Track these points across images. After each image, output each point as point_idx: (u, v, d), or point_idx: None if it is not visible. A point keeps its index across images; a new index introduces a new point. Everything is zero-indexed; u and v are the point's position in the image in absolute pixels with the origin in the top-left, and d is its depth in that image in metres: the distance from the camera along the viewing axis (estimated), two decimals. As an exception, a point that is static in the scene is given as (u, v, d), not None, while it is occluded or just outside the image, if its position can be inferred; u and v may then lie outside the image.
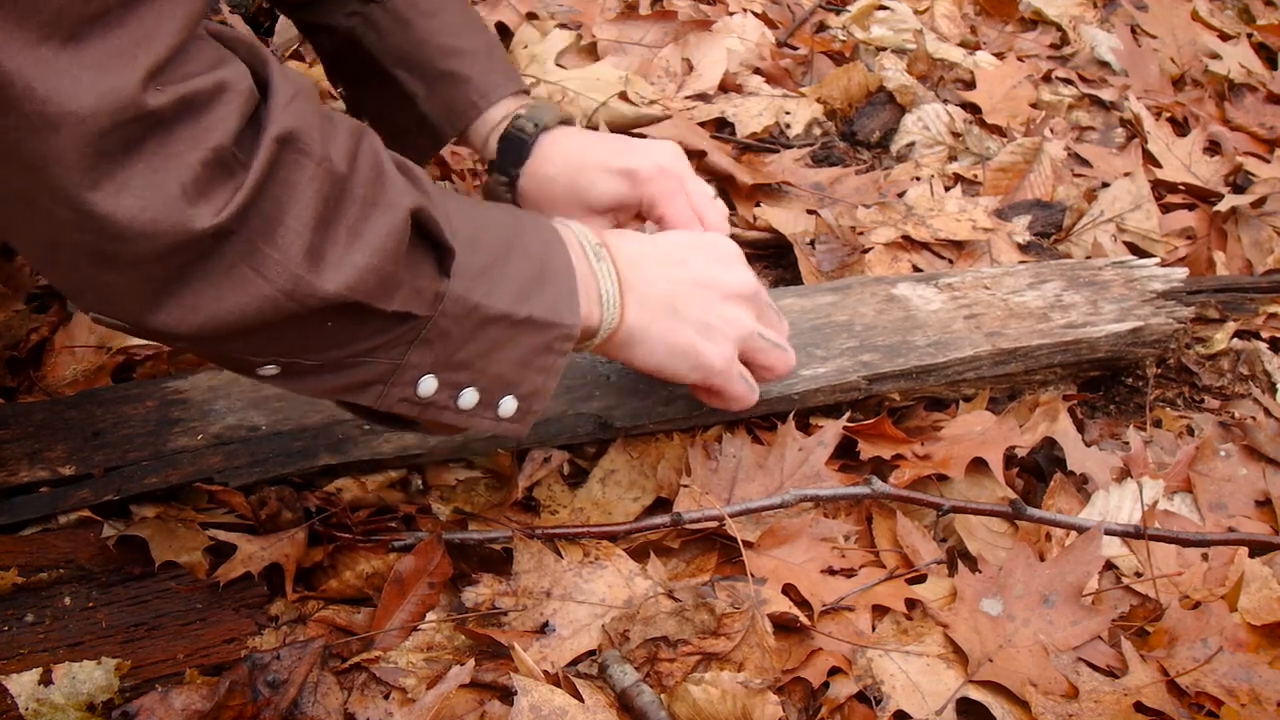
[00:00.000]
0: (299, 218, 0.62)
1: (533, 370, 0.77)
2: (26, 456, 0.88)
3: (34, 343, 1.04)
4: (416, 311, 0.70)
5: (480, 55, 1.05)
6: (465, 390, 0.76)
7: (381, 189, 0.67)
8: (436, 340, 0.72)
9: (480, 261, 0.73)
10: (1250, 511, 1.09)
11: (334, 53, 1.05)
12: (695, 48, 1.64)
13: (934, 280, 1.19)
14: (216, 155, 0.59)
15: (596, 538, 0.93)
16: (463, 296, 0.72)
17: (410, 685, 0.81)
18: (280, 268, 0.62)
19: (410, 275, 0.69)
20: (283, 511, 0.88)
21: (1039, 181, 1.51)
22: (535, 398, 0.79)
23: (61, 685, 0.75)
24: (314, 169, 0.63)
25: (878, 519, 1.01)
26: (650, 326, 0.85)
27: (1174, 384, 1.24)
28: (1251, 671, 0.90)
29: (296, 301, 0.63)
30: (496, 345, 0.75)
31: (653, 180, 0.99)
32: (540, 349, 0.77)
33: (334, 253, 0.64)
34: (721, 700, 0.80)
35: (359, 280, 0.65)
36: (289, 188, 0.62)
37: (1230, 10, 2.08)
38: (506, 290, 0.74)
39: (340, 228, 0.65)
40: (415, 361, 0.73)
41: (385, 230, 0.66)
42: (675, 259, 0.88)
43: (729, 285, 0.89)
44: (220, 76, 0.60)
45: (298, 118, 0.62)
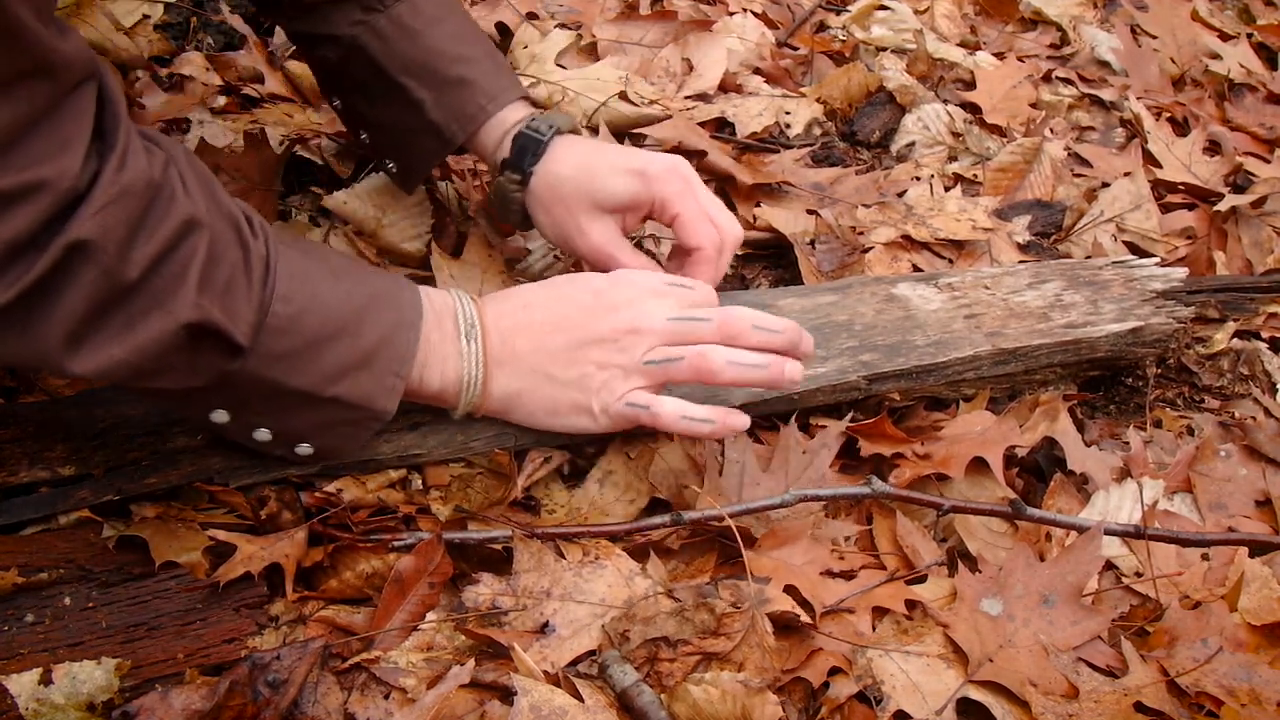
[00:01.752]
0: (68, 309, 0.66)
1: (333, 435, 0.81)
2: (26, 456, 0.88)
3: (34, 343, 1.04)
4: (193, 384, 0.73)
5: (485, 61, 1.05)
6: (258, 429, 0.79)
7: (172, 295, 0.69)
8: (226, 390, 0.75)
9: (289, 345, 0.75)
10: (1250, 511, 1.09)
11: (337, 63, 1.06)
12: (695, 48, 1.64)
13: (934, 280, 1.19)
14: (8, 249, 0.62)
15: (596, 537, 0.93)
16: (256, 374, 0.74)
17: (410, 685, 0.81)
18: (40, 340, 0.66)
19: (185, 363, 0.72)
20: (283, 511, 0.88)
21: (1039, 181, 1.51)
22: (333, 453, 0.82)
23: (61, 685, 0.75)
24: (96, 276, 0.66)
25: (878, 519, 1.01)
26: (522, 396, 0.89)
27: (1174, 384, 1.24)
28: (1251, 671, 0.90)
29: (47, 368, 0.68)
30: (294, 410, 0.78)
31: (664, 180, 1.00)
32: (344, 422, 0.80)
33: (94, 341, 0.68)
34: (721, 700, 0.80)
35: (109, 370, 0.69)
36: (69, 284, 0.65)
37: (1230, 10, 2.08)
38: (314, 372, 0.77)
39: (110, 324, 0.68)
40: (204, 399, 0.76)
41: (155, 334, 0.69)
42: (552, 324, 0.90)
43: (609, 332, 0.89)
44: (40, 175, 0.62)
45: (98, 228, 0.65)
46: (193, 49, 1.46)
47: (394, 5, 1.03)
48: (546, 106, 1.48)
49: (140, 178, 0.67)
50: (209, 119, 1.31)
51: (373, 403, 0.80)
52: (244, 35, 1.46)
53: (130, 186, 0.66)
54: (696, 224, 1.01)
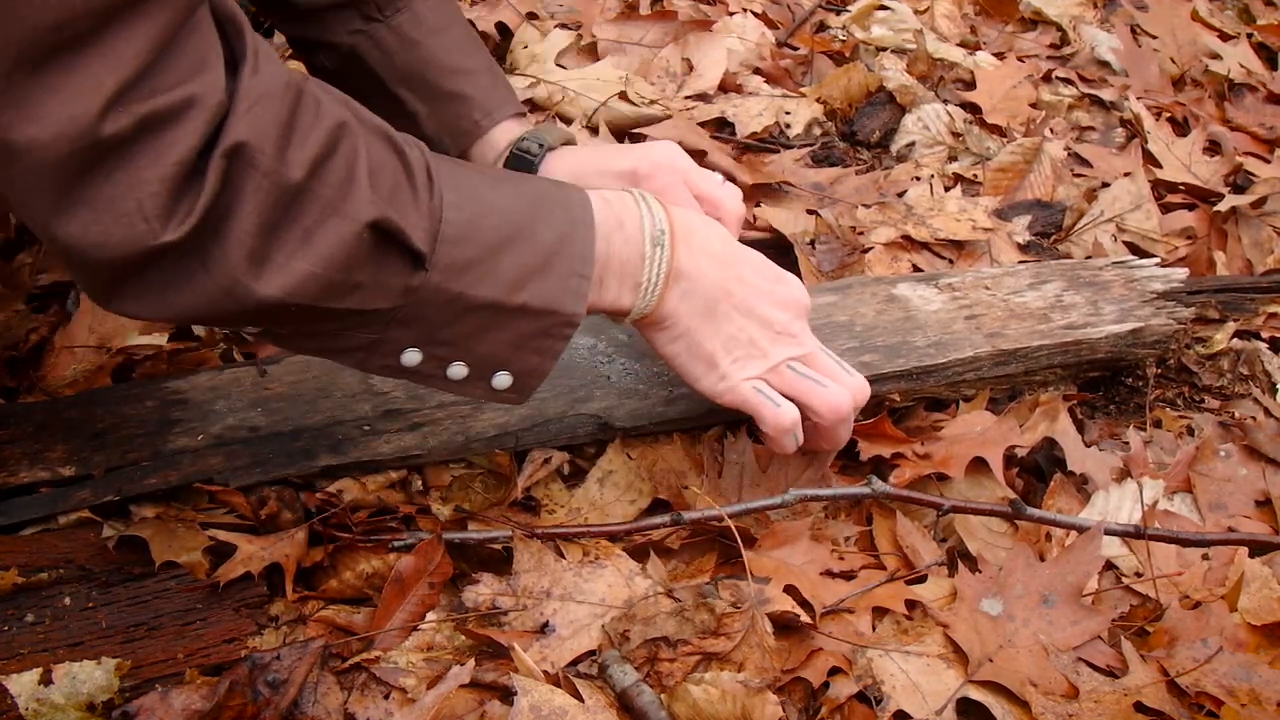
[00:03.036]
0: (242, 224, 0.64)
1: (528, 351, 0.77)
2: (26, 456, 0.88)
3: (34, 343, 1.04)
4: (379, 305, 0.70)
5: (483, 75, 1.05)
6: (453, 364, 0.76)
7: (344, 197, 0.67)
8: (414, 322, 0.73)
9: (468, 254, 0.73)
10: (1250, 511, 1.09)
11: (335, 70, 1.05)
12: (695, 48, 1.64)
13: (934, 280, 1.19)
14: (179, 171, 0.60)
15: (596, 537, 0.93)
16: (441, 287, 0.72)
17: (410, 685, 0.81)
18: (222, 267, 0.64)
19: (371, 277, 0.69)
20: (283, 511, 0.88)
21: (1039, 181, 1.51)
22: (531, 375, 0.79)
23: (61, 685, 0.75)
24: (259, 179, 0.64)
25: (878, 519, 1.01)
26: (682, 320, 0.86)
27: (1174, 384, 1.24)
28: (1251, 671, 0.90)
29: (234, 300, 0.65)
30: (485, 328, 0.75)
31: (651, 177, 0.99)
32: (535, 333, 0.77)
33: (278, 258, 0.65)
34: (721, 700, 0.80)
35: (299, 287, 0.66)
36: (236, 195, 0.63)
37: (1230, 10, 2.08)
38: (498, 280, 0.74)
39: (291, 233, 0.66)
40: (394, 336, 0.73)
41: (336, 240, 0.67)
42: (739, 271, 0.88)
43: (774, 320, 0.89)
44: (190, 90, 0.60)
45: (250, 129, 0.63)
46: (193, 49, 1.46)
47: (394, 15, 1.02)
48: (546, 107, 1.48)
49: (277, 80, 0.66)
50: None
51: (561, 305, 0.76)
52: (244, 35, 1.46)
53: (269, 89, 0.65)
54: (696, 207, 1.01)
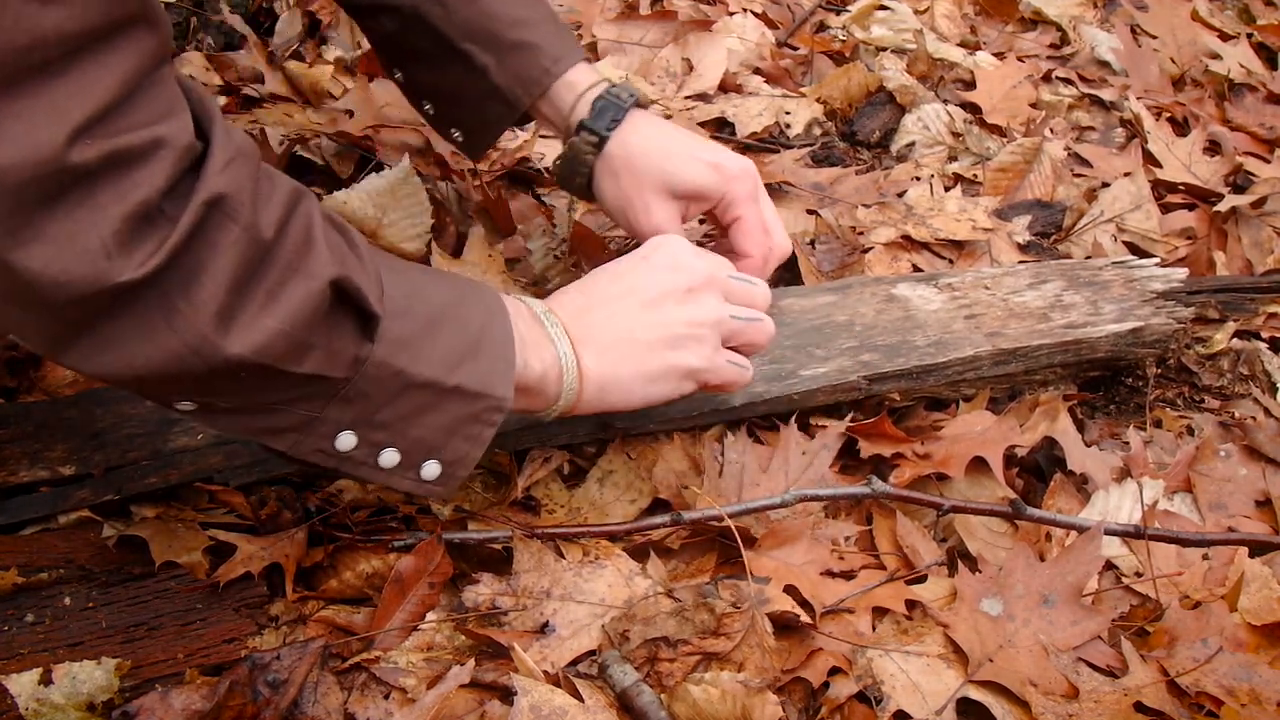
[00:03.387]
0: (215, 279, 0.63)
1: (459, 438, 0.77)
2: (26, 456, 0.88)
3: (34, 343, 1.04)
4: (331, 374, 0.70)
5: (546, 24, 1.04)
6: (385, 450, 0.75)
7: (306, 257, 0.67)
8: (356, 399, 0.72)
9: (408, 329, 0.73)
10: (1250, 511, 1.09)
11: (397, 33, 1.04)
12: (695, 48, 1.65)
13: (934, 280, 1.19)
14: (142, 210, 0.59)
15: (596, 537, 0.93)
16: (385, 361, 0.72)
17: (410, 685, 0.81)
18: (189, 324, 0.62)
19: (326, 340, 0.69)
20: (283, 511, 0.88)
21: (1039, 181, 1.51)
22: (459, 464, 0.78)
23: (61, 685, 0.75)
24: (239, 234, 0.63)
25: (878, 519, 1.01)
26: (616, 368, 0.85)
27: (1174, 384, 1.24)
28: (1251, 671, 0.90)
29: (201, 359, 0.63)
30: (420, 411, 0.75)
31: (738, 180, 1.00)
32: (467, 418, 0.76)
33: (245, 316, 0.65)
34: (721, 700, 0.80)
35: (266, 344, 0.65)
36: (211, 249, 0.62)
37: (1230, 10, 2.08)
38: (434, 359, 0.74)
39: (257, 292, 0.65)
40: (334, 417, 0.72)
41: (301, 297, 0.66)
42: (615, 294, 0.88)
43: (679, 284, 0.88)
44: (158, 132, 0.60)
45: (231, 183, 0.63)
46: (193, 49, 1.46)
47: None
48: None
49: (246, 141, 0.66)
50: (209, 119, 1.31)
51: (493, 388, 0.77)
52: (244, 35, 1.46)
53: (242, 148, 0.65)
54: (754, 232, 1.01)
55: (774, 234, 1.03)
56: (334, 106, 1.39)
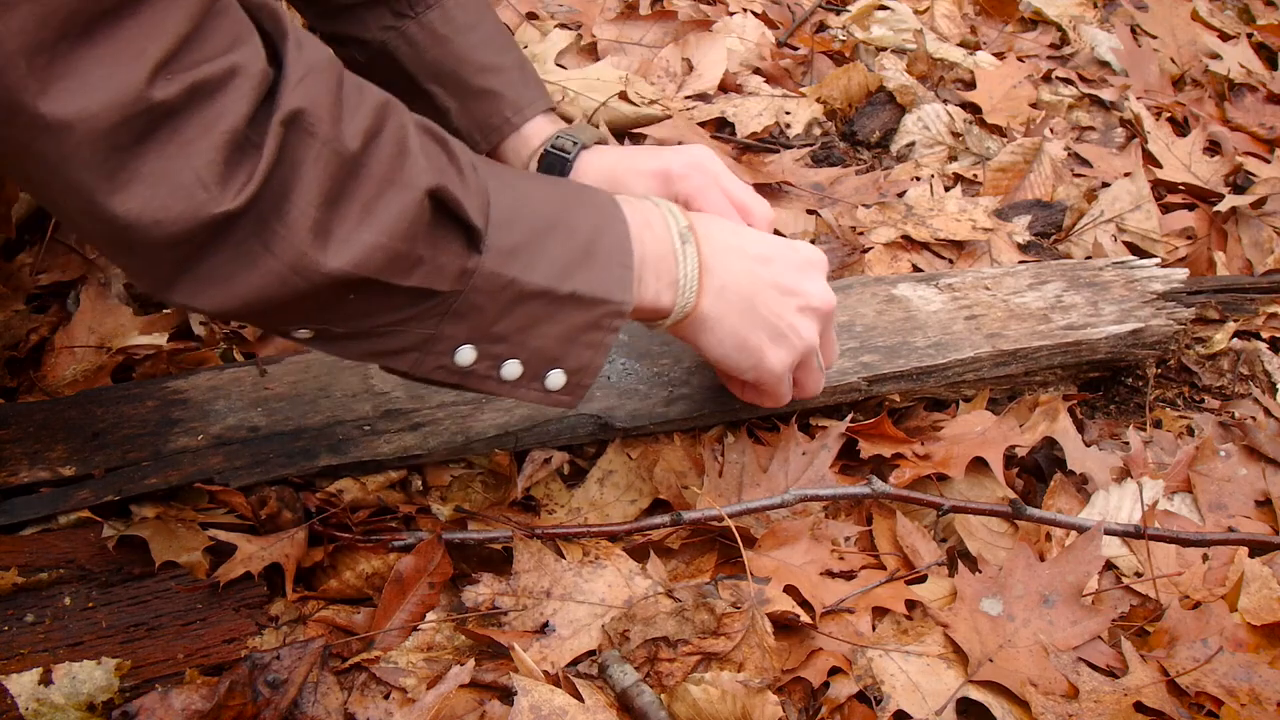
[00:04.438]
0: (305, 196, 0.63)
1: (579, 345, 0.77)
2: (26, 456, 0.88)
3: (34, 343, 1.04)
4: (439, 288, 0.70)
5: (513, 71, 1.05)
6: (507, 362, 0.76)
7: (400, 168, 0.67)
8: (470, 313, 0.72)
9: (516, 238, 0.73)
10: (1250, 511, 1.09)
11: (365, 65, 1.05)
12: (695, 48, 1.65)
13: (934, 281, 1.19)
14: (230, 139, 0.60)
15: (596, 537, 0.93)
16: (495, 272, 0.71)
17: (410, 685, 0.81)
18: (286, 244, 0.63)
19: (431, 252, 0.69)
20: (283, 511, 0.88)
21: (1039, 181, 1.51)
22: (584, 372, 0.78)
23: (61, 685, 0.75)
24: (319, 149, 0.63)
25: (878, 519, 1.01)
26: (724, 318, 0.85)
27: (1174, 384, 1.24)
28: (1251, 671, 0.90)
29: (302, 277, 0.64)
30: (537, 320, 0.75)
31: (686, 178, 0.99)
32: (586, 325, 0.76)
33: (341, 230, 0.65)
34: (721, 700, 0.80)
35: (365, 258, 0.65)
36: (295, 167, 0.63)
37: (1230, 10, 2.08)
38: (547, 266, 0.74)
39: (352, 205, 0.65)
40: (449, 332, 0.73)
41: (398, 209, 0.66)
42: (762, 255, 0.88)
43: (808, 297, 0.89)
44: (232, 60, 0.60)
45: (305, 97, 0.63)
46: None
47: (425, 12, 1.02)
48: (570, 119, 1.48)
49: (321, 54, 0.66)
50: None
51: (610, 294, 0.76)
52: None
53: (315, 63, 0.65)
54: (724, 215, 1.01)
55: (750, 207, 1.01)
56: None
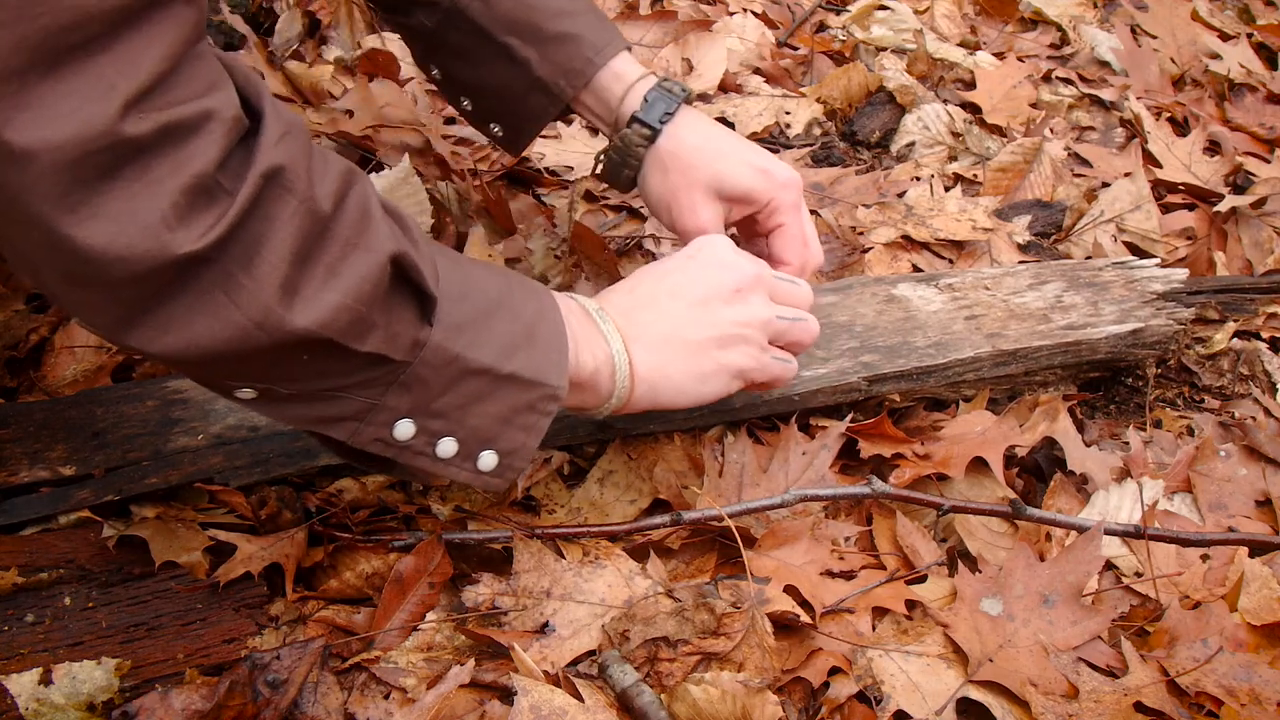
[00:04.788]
0: (277, 251, 0.63)
1: (514, 428, 0.77)
2: (26, 456, 0.88)
3: (34, 343, 1.04)
4: (392, 356, 0.70)
5: (587, 14, 1.04)
6: (443, 439, 0.76)
7: (364, 232, 0.67)
8: (415, 385, 0.72)
9: (465, 314, 0.73)
10: (1250, 511, 1.09)
11: (435, 29, 1.04)
12: (695, 48, 1.65)
13: (934, 281, 1.19)
14: (198, 182, 0.60)
15: (596, 537, 0.93)
16: (443, 346, 0.72)
17: (410, 685, 0.81)
18: (253, 298, 0.63)
19: (386, 319, 0.69)
20: (283, 511, 0.88)
21: (1039, 181, 1.51)
22: (516, 455, 0.78)
23: (61, 685, 0.75)
24: (296, 206, 0.63)
25: (878, 519, 1.01)
26: (667, 367, 0.86)
27: (1174, 384, 1.24)
28: (1251, 671, 0.90)
29: (266, 333, 0.64)
30: (477, 398, 0.75)
31: (786, 188, 1.00)
32: (523, 407, 0.77)
33: (308, 289, 0.65)
34: (721, 700, 0.80)
35: (330, 318, 0.65)
36: (270, 222, 0.63)
37: (1230, 10, 2.08)
38: (490, 346, 0.74)
39: (318, 265, 0.65)
40: (392, 404, 0.73)
41: (363, 272, 0.67)
42: (664, 292, 0.88)
43: (727, 284, 0.88)
44: (206, 105, 0.60)
45: (286, 155, 0.63)
46: (193, 49, 1.46)
47: None
48: None
49: (296, 118, 0.66)
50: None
51: (546, 377, 0.77)
52: (244, 35, 1.46)
53: (293, 122, 0.65)
54: (794, 241, 1.01)
55: (811, 245, 1.03)
56: (334, 106, 1.39)
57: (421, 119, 1.38)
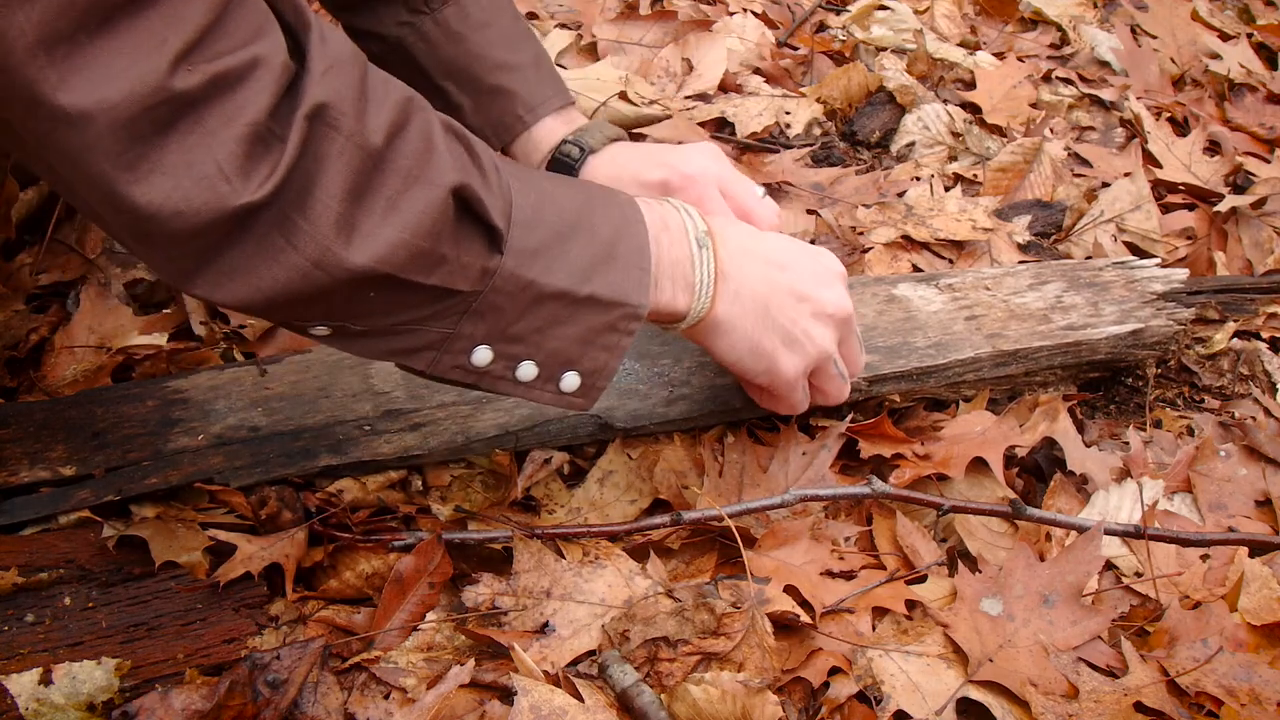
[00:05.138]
0: (328, 190, 0.63)
1: (596, 348, 0.77)
2: (26, 456, 0.88)
3: (34, 343, 1.04)
4: (460, 287, 0.70)
5: (528, 69, 1.05)
6: (523, 363, 0.76)
7: (425, 165, 0.67)
8: (489, 313, 0.72)
9: (538, 239, 0.73)
10: (1250, 511, 1.09)
11: (380, 59, 1.05)
12: (695, 48, 1.65)
13: (935, 281, 1.19)
14: (252, 131, 0.60)
15: (596, 537, 0.93)
16: (515, 273, 0.71)
17: (410, 685, 0.81)
18: (309, 238, 0.63)
19: (454, 251, 0.69)
20: (283, 511, 0.88)
21: (1039, 181, 1.51)
22: (599, 374, 0.78)
23: (61, 685, 0.75)
24: (343, 143, 0.63)
25: (878, 519, 1.01)
26: (739, 322, 0.85)
27: (1174, 384, 1.24)
28: (1251, 671, 0.90)
29: (325, 272, 0.64)
30: (555, 321, 0.75)
31: (683, 189, 0.99)
32: (603, 328, 0.76)
33: (366, 225, 0.65)
34: (721, 700, 0.80)
35: (389, 254, 0.65)
36: (318, 160, 0.63)
37: (1230, 10, 2.08)
38: (566, 268, 0.74)
39: (376, 200, 0.65)
40: (468, 332, 0.73)
41: (422, 206, 0.66)
42: (779, 261, 0.88)
43: (823, 304, 0.89)
44: (254, 52, 0.60)
45: (329, 91, 0.63)
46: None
47: (441, 9, 1.02)
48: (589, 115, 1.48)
49: (345, 48, 0.66)
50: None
51: (628, 296, 0.76)
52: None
53: (339, 56, 0.65)
54: None
55: (755, 215, 1.01)
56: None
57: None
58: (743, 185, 1.02)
